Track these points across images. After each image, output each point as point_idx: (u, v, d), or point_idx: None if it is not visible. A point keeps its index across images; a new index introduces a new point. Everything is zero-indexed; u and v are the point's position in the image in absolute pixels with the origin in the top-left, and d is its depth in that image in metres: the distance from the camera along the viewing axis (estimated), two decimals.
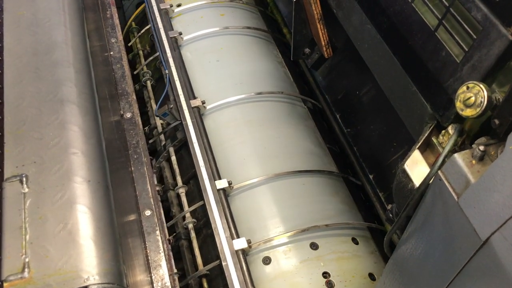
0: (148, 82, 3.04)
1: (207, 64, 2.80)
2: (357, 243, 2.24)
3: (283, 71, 2.95)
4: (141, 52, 3.24)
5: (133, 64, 3.30)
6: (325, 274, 2.07)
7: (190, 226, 2.35)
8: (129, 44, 3.31)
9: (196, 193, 2.47)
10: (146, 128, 2.91)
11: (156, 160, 2.69)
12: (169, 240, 2.40)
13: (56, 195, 1.57)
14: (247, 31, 3.02)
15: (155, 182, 2.56)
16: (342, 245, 2.20)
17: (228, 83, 2.72)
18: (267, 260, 2.11)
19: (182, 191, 2.48)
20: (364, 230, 2.35)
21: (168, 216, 2.55)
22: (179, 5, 3.08)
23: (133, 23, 3.34)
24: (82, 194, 1.60)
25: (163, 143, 2.75)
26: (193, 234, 2.33)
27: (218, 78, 2.75)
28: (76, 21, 2.21)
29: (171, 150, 2.62)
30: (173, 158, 2.60)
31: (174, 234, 2.44)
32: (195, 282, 2.26)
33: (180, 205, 2.52)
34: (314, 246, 2.14)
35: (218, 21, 3.00)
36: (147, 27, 3.12)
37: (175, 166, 2.57)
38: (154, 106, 2.84)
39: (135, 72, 3.13)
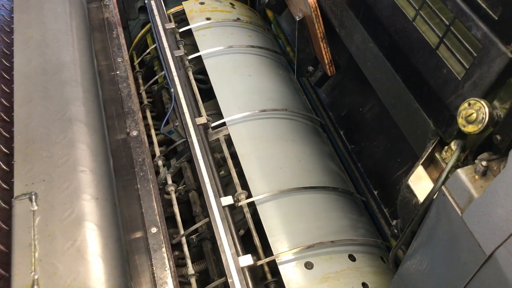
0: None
1: (239, 77, 2.87)
2: (384, 262, 2.33)
3: (304, 98, 3.07)
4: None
5: (147, 66, 3.37)
6: (364, 285, 2.15)
7: None
8: (145, 54, 3.35)
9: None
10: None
11: (177, 160, 2.69)
12: (192, 239, 2.41)
13: (64, 213, 1.59)
14: (271, 54, 3.17)
15: (171, 182, 2.59)
16: (374, 261, 2.29)
17: (259, 96, 2.80)
18: (309, 265, 2.16)
19: None
20: (386, 251, 2.43)
21: (191, 216, 2.59)
22: (208, 18, 3.18)
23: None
24: (90, 212, 1.62)
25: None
26: None
27: (249, 91, 2.83)
28: (84, 41, 2.26)
29: None
30: None
31: (198, 234, 2.45)
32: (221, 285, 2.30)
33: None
34: (352, 258, 2.23)
35: (247, 40, 3.13)
36: (154, 46, 3.17)
37: None
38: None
39: (154, 78, 3.18)
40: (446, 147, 1.50)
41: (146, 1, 3.24)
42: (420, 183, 1.50)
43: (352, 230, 2.36)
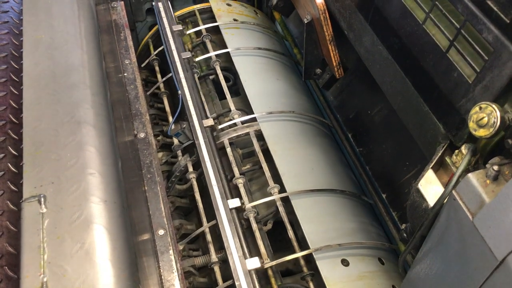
0: (195, 75, 3.08)
1: (268, 79, 2.97)
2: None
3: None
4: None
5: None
6: (394, 287, 2.22)
7: (251, 216, 2.34)
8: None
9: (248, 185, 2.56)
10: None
11: None
12: None
13: (73, 215, 1.59)
14: (292, 63, 3.29)
15: (192, 169, 2.59)
16: (397, 266, 2.35)
17: (287, 100, 2.88)
18: (345, 262, 2.20)
19: (240, 181, 2.47)
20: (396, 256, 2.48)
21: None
22: (236, 20, 3.26)
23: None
24: (99, 214, 1.62)
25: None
26: (254, 226, 2.31)
27: (277, 93, 2.90)
28: (93, 44, 2.26)
29: (226, 142, 2.62)
30: (229, 150, 2.59)
31: None
32: None
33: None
34: (381, 261, 2.30)
35: (272, 47, 3.22)
36: (161, 48, 3.17)
37: (231, 158, 2.54)
38: None
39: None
40: (457, 151, 1.49)
41: (153, 3, 3.25)
42: (430, 187, 1.49)
43: (377, 236, 2.44)
